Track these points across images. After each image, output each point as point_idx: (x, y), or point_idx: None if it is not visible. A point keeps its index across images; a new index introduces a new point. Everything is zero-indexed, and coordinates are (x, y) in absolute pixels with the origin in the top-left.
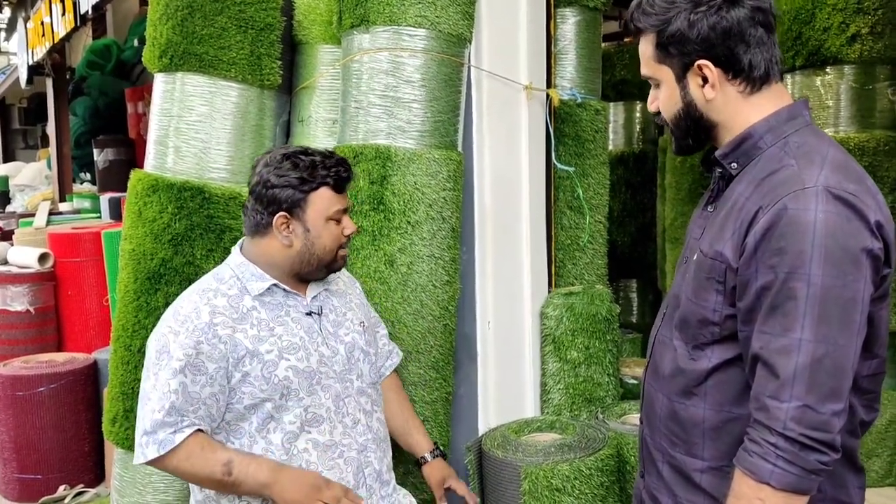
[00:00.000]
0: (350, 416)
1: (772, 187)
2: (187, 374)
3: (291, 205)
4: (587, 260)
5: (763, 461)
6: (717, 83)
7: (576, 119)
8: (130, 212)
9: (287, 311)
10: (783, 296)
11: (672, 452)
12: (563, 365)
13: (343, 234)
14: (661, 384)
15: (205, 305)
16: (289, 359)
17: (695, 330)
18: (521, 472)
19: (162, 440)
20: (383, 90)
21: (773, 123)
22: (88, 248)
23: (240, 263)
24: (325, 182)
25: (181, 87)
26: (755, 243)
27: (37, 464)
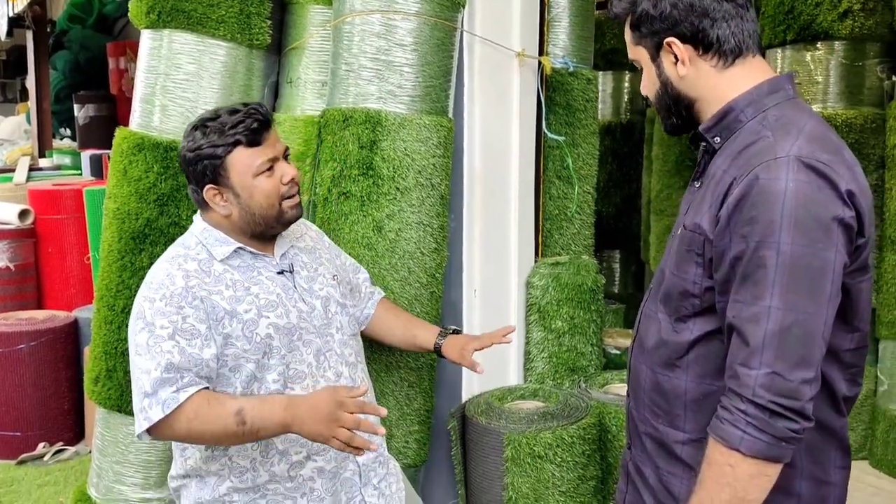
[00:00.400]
0: (332, 370)
1: (747, 158)
2: (180, 341)
3: (214, 174)
4: (574, 230)
5: (733, 428)
6: (686, 60)
7: (567, 88)
8: (115, 170)
9: (259, 272)
10: (753, 264)
11: (655, 424)
12: (547, 334)
13: (282, 183)
14: (645, 357)
15: (177, 270)
16: (268, 316)
17: (677, 302)
18: (504, 439)
19: (165, 399)
20: (375, 53)
21: (755, 97)
22: (70, 205)
23: (203, 229)
24: (237, 141)
25: (168, 44)
26: (728, 214)
27: (16, 421)
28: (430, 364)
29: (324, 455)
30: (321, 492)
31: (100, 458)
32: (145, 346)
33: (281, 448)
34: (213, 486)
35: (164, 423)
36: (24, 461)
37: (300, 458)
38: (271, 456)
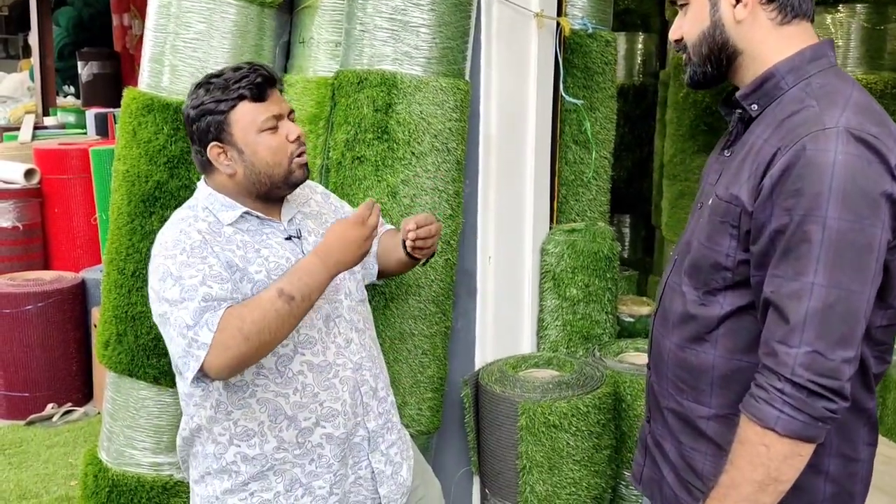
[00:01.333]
0: (342, 336)
1: (791, 128)
2: (212, 285)
3: (217, 131)
4: (590, 196)
5: (769, 407)
6: (750, 3)
7: (586, 50)
8: (124, 131)
9: (268, 236)
10: (797, 238)
11: (679, 399)
12: (561, 302)
13: (288, 141)
14: (669, 331)
15: (189, 227)
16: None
17: (707, 275)
18: (519, 407)
19: (208, 320)
20: (391, 13)
21: (796, 63)
22: (76, 164)
23: (208, 195)
24: (241, 96)
25: (178, 2)
26: (771, 185)
27: (24, 382)
28: (443, 331)
29: (332, 421)
30: (329, 458)
31: (110, 422)
32: (179, 297)
33: (290, 414)
34: (219, 453)
35: (219, 347)
36: (33, 422)
37: (309, 424)
38: (280, 421)
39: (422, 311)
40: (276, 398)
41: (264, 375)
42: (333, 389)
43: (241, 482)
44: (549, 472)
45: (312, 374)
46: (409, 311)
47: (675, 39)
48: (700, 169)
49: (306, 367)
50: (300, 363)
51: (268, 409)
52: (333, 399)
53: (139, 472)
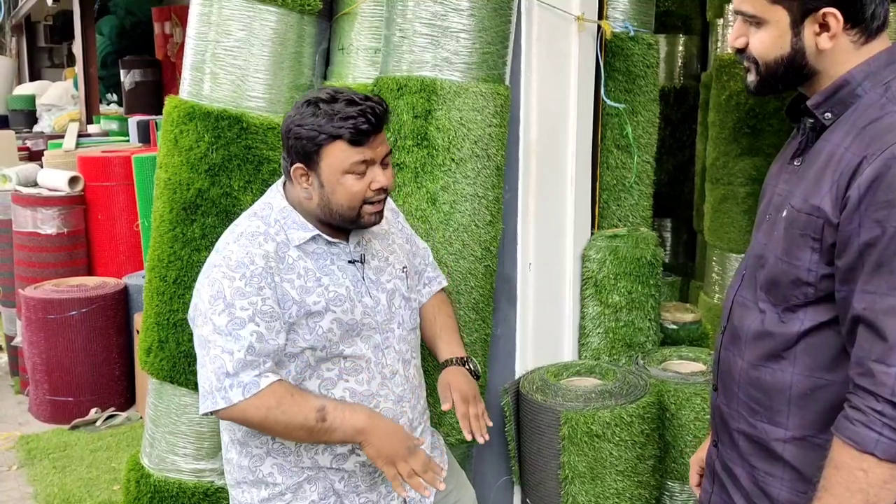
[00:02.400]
0: (389, 367)
1: (876, 135)
2: (259, 323)
3: (306, 156)
4: (632, 201)
5: (867, 430)
6: (837, 33)
7: (627, 53)
8: (166, 139)
9: (332, 261)
10: (891, 252)
11: (751, 420)
12: (603, 309)
13: (370, 189)
14: (741, 349)
15: (257, 250)
16: (335, 311)
17: (786, 291)
18: (561, 417)
19: (247, 383)
20: (430, 18)
21: (873, 68)
22: (119, 172)
23: (283, 208)
24: (339, 135)
25: (218, 10)
26: (859, 196)
27: (68, 386)
28: (483, 339)
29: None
30: (358, 479)
31: (152, 429)
32: (225, 327)
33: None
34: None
35: (238, 407)
36: (77, 426)
37: (345, 450)
38: (316, 445)
39: (461, 318)
40: None
41: None
42: None
43: (277, 492)
44: (592, 483)
45: (354, 400)
46: None
47: (737, 48)
48: (743, 173)
49: (348, 395)
50: (343, 389)
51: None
52: None
53: (180, 479)
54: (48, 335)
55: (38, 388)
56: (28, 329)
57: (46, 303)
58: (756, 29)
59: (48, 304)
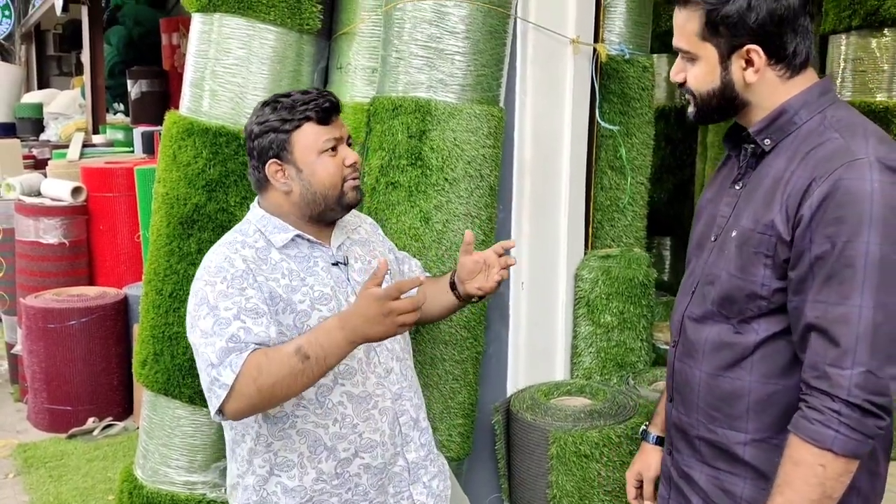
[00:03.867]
0: (382, 366)
1: (821, 160)
2: (245, 320)
3: (278, 148)
4: (626, 222)
5: (826, 428)
6: (761, 68)
7: (622, 75)
8: (165, 155)
9: (315, 262)
10: (840, 264)
11: (712, 427)
12: (595, 328)
13: (344, 165)
14: (698, 360)
15: (235, 254)
16: (321, 309)
17: (742, 305)
18: (550, 436)
19: (232, 362)
20: (426, 40)
21: (808, 98)
22: (121, 183)
23: (261, 217)
24: (307, 117)
25: (219, 28)
26: (811, 214)
27: (66, 395)
28: (475, 357)
29: (371, 452)
30: (366, 486)
31: (146, 440)
32: (210, 329)
33: (329, 444)
34: (258, 485)
35: (235, 392)
36: (74, 435)
37: (348, 454)
38: (319, 452)
39: (453, 336)
40: (316, 429)
41: (304, 406)
42: (372, 420)
43: None
44: (580, 502)
45: (352, 404)
46: (440, 336)
47: (677, 82)
48: None
49: (346, 398)
50: (340, 394)
51: (307, 440)
52: (372, 430)
53: (173, 491)
54: (48, 344)
55: (36, 397)
56: (28, 338)
57: (47, 312)
58: (691, 65)
59: (48, 313)
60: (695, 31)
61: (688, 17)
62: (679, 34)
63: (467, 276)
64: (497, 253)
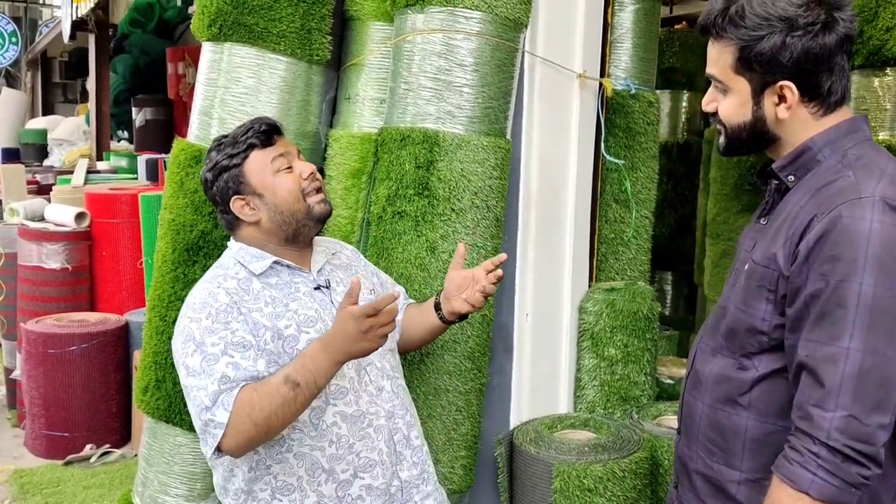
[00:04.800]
0: (374, 384)
1: (828, 196)
2: (234, 355)
3: (236, 184)
4: (630, 255)
5: (804, 470)
6: (794, 105)
7: (628, 110)
8: (172, 181)
9: (296, 288)
10: (833, 303)
11: (709, 462)
12: (599, 361)
13: (302, 178)
14: (702, 393)
15: (217, 289)
16: (308, 331)
17: (742, 339)
18: (553, 469)
19: (225, 401)
20: (435, 73)
21: (833, 137)
22: (125, 209)
23: (238, 248)
24: (250, 145)
25: (229, 57)
26: (808, 250)
27: (64, 421)
28: (478, 388)
29: (370, 472)
30: None
31: (146, 468)
32: (199, 367)
33: (327, 467)
34: None
35: (231, 429)
36: (71, 462)
37: (347, 476)
38: (318, 475)
39: (457, 366)
40: (313, 452)
41: (299, 430)
42: (369, 439)
43: None
44: None
45: (346, 424)
46: (443, 367)
47: (709, 111)
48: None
49: (339, 418)
50: (333, 414)
51: (305, 463)
52: (369, 449)
53: None
54: (47, 369)
55: (34, 423)
56: (28, 363)
57: (47, 337)
58: (723, 96)
59: (49, 338)
60: (728, 64)
61: (721, 51)
62: (712, 64)
63: (455, 291)
64: (486, 269)
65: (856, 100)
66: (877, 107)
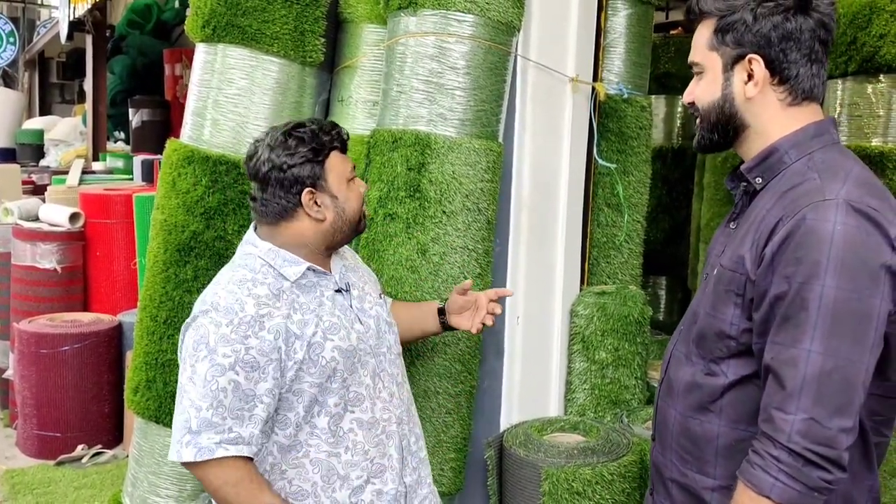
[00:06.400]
0: (386, 390)
1: (793, 199)
2: (239, 372)
3: (314, 178)
4: (622, 259)
5: (764, 474)
6: (760, 82)
7: (620, 114)
8: (164, 182)
9: (321, 292)
10: (796, 306)
11: (683, 470)
12: (590, 365)
13: (361, 193)
14: (674, 400)
15: (247, 297)
16: (332, 339)
17: (711, 344)
18: (542, 472)
19: (203, 447)
20: (427, 75)
21: (800, 139)
22: (119, 210)
23: (268, 250)
24: (334, 146)
25: (222, 58)
26: (773, 253)
27: (56, 422)
28: (469, 391)
29: (381, 477)
30: None
31: (136, 468)
32: (202, 377)
33: (342, 473)
34: None
35: (196, 465)
36: (63, 462)
37: (360, 482)
38: (332, 482)
39: (447, 369)
40: (329, 458)
41: (317, 436)
42: (382, 445)
43: None
44: None
45: (362, 431)
46: (434, 370)
47: (688, 102)
48: None
49: (356, 425)
50: (350, 421)
51: (321, 469)
52: (381, 455)
53: None
54: (40, 369)
55: (26, 423)
56: (20, 362)
57: (40, 337)
58: (699, 80)
59: (41, 338)
60: (705, 42)
61: (701, 30)
62: (694, 47)
63: (456, 311)
64: (490, 298)
65: (849, 106)
66: (870, 113)
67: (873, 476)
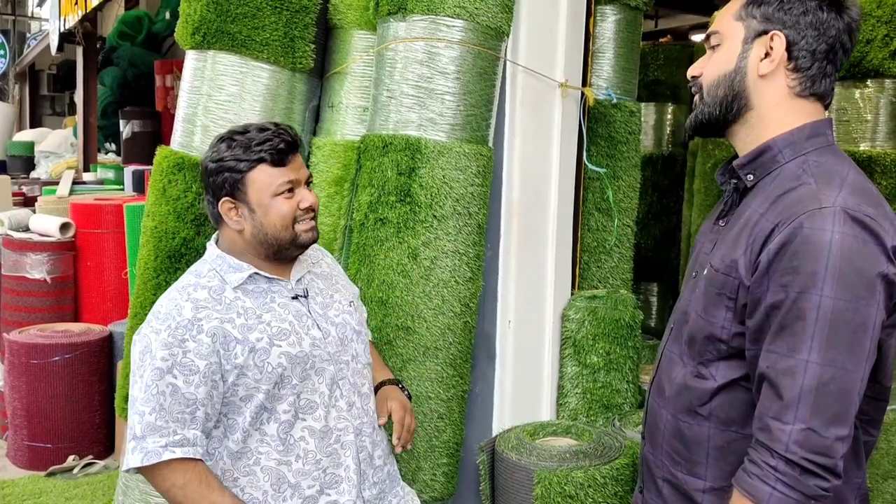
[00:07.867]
0: (344, 399)
1: (788, 205)
2: (177, 375)
3: (232, 188)
4: (612, 263)
5: (762, 483)
6: (777, 61)
7: (610, 119)
8: (154, 188)
9: (272, 298)
10: (792, 316)
11: (674, 471)
12: (581, 369)
13: (299, 208)
14: (666, 401)
15: (185, 301)
16: (280, 345)
17: (701, 346)
18: (534, 476)
19: (149, 451)
20: (417, 80)
21: (795, 138)
22: (110, 219)
23: (216, 257)
24: (261, 159)
25: (212, 65)
26: (768, 261)
27: (47, 432)
28: (460, 395)
29: (337, 488)
30: None
31: (126, 476)
32: (143, 383)
33: (293, 482)
34: None
35: (147, 470)
36: (54, 473)
37: (313, 492)
38: (283, 490)
39: (439, 374)
40: (279, 466)
41: (267, 443)
42: (336, 455)
43: None
44: None
45: (314, 439)
46: (426, 374)
47: (692, 75)
48: None
49: (307, 433)
50: (301, 429)
51: (271, 477)
52: (336, 465)
53: None
54: (30, 380)
55: (16, 434)
56: (10, 373)
57: (30, 347)
58: (714, 53)
59: (32, 348)
60: (734, 11)
61: (733, 1)
62: (718, 20)
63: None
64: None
65: (837, 111)
66: (857, 118)
67: (861, 473)
